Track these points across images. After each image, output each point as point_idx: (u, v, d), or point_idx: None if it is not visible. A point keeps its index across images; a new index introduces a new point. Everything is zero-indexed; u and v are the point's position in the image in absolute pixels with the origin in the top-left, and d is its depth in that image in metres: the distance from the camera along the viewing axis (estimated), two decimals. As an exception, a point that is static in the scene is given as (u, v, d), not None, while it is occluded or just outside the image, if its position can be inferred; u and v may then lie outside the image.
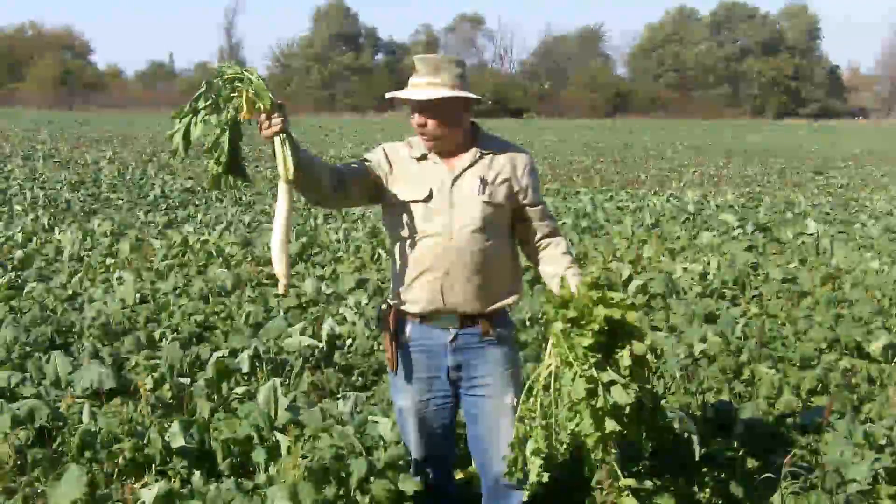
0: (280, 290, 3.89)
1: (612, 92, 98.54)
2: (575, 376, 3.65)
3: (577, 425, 3.67)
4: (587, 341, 3.65)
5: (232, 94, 3.75)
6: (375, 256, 11.88)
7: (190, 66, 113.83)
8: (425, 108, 4.02)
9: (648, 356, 3.81)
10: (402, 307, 4.18)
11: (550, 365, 3.75)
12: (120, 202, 18.47)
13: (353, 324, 8.17)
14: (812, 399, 6.42)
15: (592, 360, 3.64)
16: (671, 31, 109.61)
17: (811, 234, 14.63)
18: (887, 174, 29.57)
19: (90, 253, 12.20)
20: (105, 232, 13.85)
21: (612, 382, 3.65)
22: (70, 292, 9.58)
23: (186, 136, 3.80)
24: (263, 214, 16.85)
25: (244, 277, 10.18)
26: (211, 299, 9.21)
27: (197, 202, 18.83)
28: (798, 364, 7.16)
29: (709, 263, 11.30)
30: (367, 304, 8.95)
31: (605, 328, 3.67)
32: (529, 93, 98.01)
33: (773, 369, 6.88)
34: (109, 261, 11.56)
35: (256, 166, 27.17)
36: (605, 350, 3.71)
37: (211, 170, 3.85)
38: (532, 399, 3.79)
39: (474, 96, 4.08)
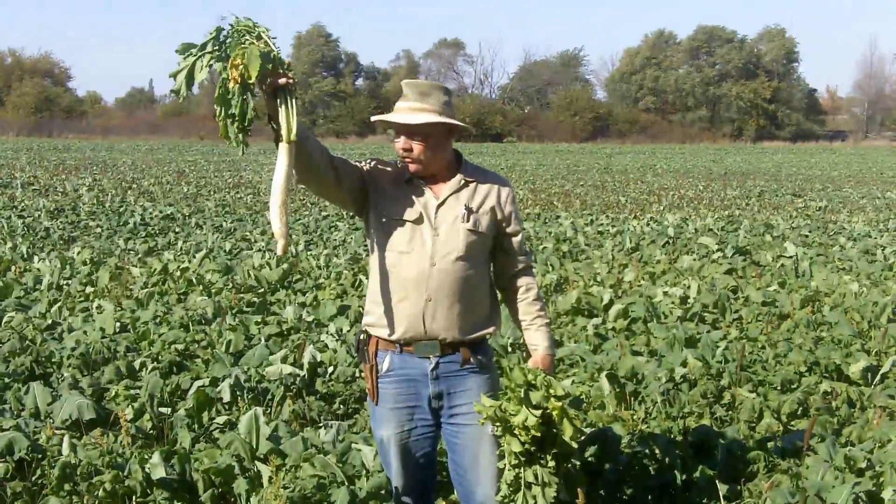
0: (278, 250, 3.78)
1: (592, 116, 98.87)
2: (505, 469, 3.92)
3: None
4: (517, 447, 3.82)
5: (243, 46, 3.65)
6: (357, 283, 11.86)
7: (169, 93, 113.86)
8: (412, 132, 4.04)
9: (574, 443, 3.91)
10: (382, 335, 4.17)
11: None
12: (99, 230, 18.41)
13: (335, 351, 8.14)
14: (792, 422, 6.45)
15: (522, 460, 3.86)
16: (650, 55, 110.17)
17: (790, 257, 14.69)
18: (865, 196, 29.74)
19: (69, 281, 12.13)
20: (84, 260, 13.78)
21: (534, 484, 3.86)
22: (49, 322, 9.51)
23: (190, 76, 3.72)
24: (244, 241, 16.84)
25: (225, 305, 10.15)
26: (191, 327, 9.17)
27: (177, 229, 18.78)
28: (778, 387, 7.17)
29: (689, 287, 11.32)
30: (348, 331, 8.94)
31: (535, 434, 3.80)
32: (510, 117, 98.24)
33: (754, 393, 6.90)
34: (89, 289, 11.50)
35: (237, 192, 27.16)
36: (539, 440, 3.86)
37: (222, 123, 3.73)
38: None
39: (458, 123, 4.12)
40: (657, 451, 5.55)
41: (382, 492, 4.60)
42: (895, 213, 23.87)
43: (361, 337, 4.32)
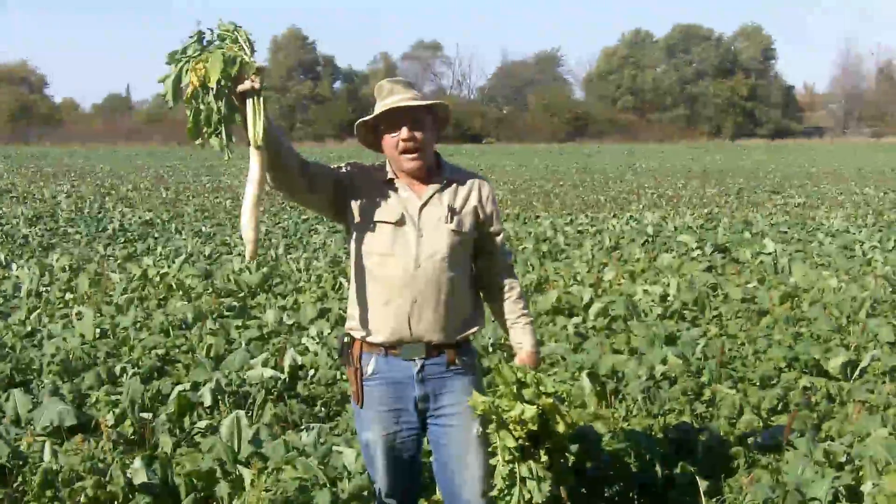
0: (247, 255, 3.81)
1: (570, 116, 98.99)
2: (499, 464, 3.93)
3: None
4: (511, 442, 3.84)
5: (209, 51, 3.69)
6: (337, 286, 11.86)
7: (147, 98, 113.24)
8: (416, 120, 4.03)
9: (566, 439, 3.99)
10: (366, 338, 4.15)
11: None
12: (78, 236, 18.35)
13: (316, 354, 8.15)
14: (772, 418, 6.46)
15: (516, 456, 3.88)
16: (627, 54, 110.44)
17: (769, 254, 14.75)
18: (843, 192, 29.88)
19: (49, 288, 12.10)
20: (63, 267, 13.75)
21: (529, 478, 3.88)
22: (29, 329, 9.49)
23: (177, 82, 3.72)
24: (223, 246, 16.79)
25: (205, 310, 10.13)
26: (172, 332, 9.15)
27: (156, 235, 18.74)
28: (758, 383, 7.21)
29: (668, 285, 11.35)
30: (329, 334, 8.93)
31: (530, 430, 3.82)
32: (488, 118, 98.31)
33: (734, 389, 6.93)
34: (68, 296, 11.47)
35: (216, 197, 27.12)
36: (534, 435, 3.88)
37: (190, 125, 3.77)
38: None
39: (447, 108, 4.21)
40: (638, 449, 5.57)
41: (364, 493, 4.60)
42: (873, 208, 23.98)
43: (345, 340, 4.28)
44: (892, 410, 6.46)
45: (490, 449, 4.02)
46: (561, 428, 3.85)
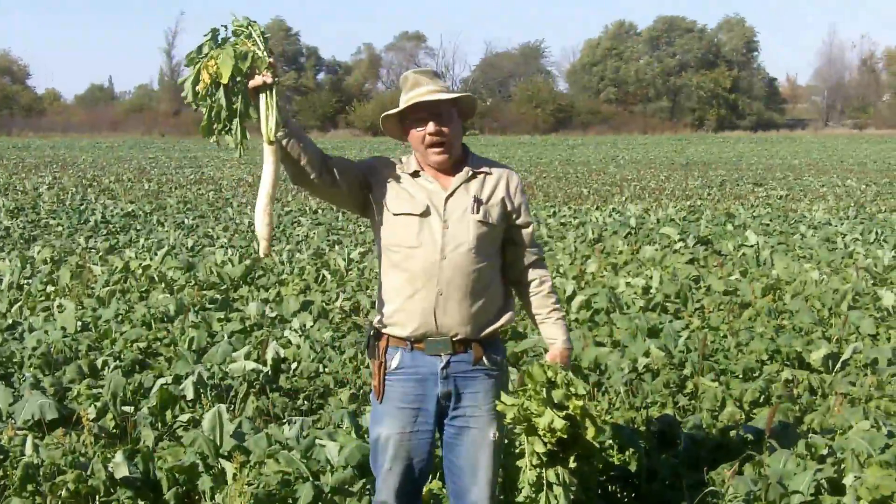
0: (261, 252, 3.83)
1: (554, 108, 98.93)
2: (526, 469, 3.89)
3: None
4: (540, 448, 3.80)
5: (222, 48, 3.72)
6: (320, 278, 11.84)
7: (130, 89, 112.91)
8: (441, 113, 4.02)
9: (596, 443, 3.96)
10: (392, 331, 4.09)
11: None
12: (60, 228, 18.29)
13: (298, 347, 8.13)
14: (755, 410, 6.48)
15: (544, 460, 3.84)
16: (610, 46, 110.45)
17: (751, 246, 14.78)
18: (825, 184, 29.97)
19: (30, 281, 12.05)
20: (45, 259, 13.69)
21: (556, 484, 3.86)
22: (10, 321, 9.44)
23: (196, 83, 3.73)
24: (206, 238, 16.75)
25: (187, 302, 10.10)
26: (154, 325, 9.13)
27: (138, 227, 18.68)
28: (740, 376, 7.23)
29: (651, 277, 11.36)
30: (311, 327, 8.92)
31: (561, 436, 3.78)
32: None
33: (716, 382, 6.95)
34: (50, 288, 11.43)
35: (198, 189, 27.05)
36: (562, 440, 3.85)
37: (204, 122, 3.77)
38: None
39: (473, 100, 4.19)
40: (621, 441, 5.57)
41: (348, 486, 4.59)
42: (855, 200, 24.08)
43: (371, 333, 4.21)
44: (874, 403, 6.49)
45: (517, 451, 3.99)
46: (591, 433, 3.83)
